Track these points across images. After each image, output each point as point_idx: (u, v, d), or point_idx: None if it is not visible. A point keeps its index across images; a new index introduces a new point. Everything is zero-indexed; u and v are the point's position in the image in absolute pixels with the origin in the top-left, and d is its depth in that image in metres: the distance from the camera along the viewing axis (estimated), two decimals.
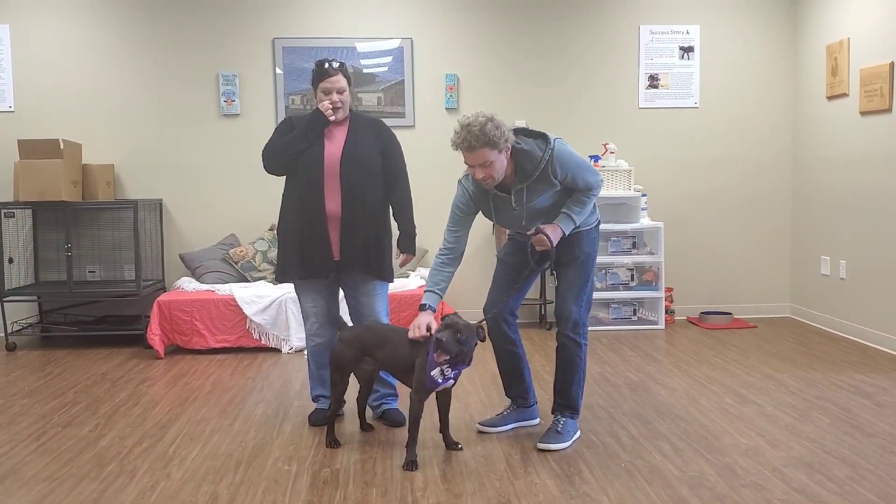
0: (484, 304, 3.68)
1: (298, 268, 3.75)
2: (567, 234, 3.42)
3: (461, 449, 3.50)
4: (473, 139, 3.19)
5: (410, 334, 3.35)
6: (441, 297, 3.48)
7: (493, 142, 3.20)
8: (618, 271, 6.18)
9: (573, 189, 3.42)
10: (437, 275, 3.51)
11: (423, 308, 3.42)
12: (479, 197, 3.48)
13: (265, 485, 3.15)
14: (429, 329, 3.32)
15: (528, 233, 3.44)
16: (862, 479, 3.12)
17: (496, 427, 3.74)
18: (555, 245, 3.41)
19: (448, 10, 6.31)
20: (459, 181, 3.52)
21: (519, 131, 3.40)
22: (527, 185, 3.36)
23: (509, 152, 3.31)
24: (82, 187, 5.84)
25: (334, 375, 3.56)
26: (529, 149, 3.33)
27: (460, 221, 3.52)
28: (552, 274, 3.58)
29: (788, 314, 6.60)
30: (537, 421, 3.83)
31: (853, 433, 3.66)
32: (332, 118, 3.66)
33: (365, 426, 3.78)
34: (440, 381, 3.28)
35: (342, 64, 3.73)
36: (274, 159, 3.72)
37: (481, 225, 6.34)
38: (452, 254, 3.52)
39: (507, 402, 3.87)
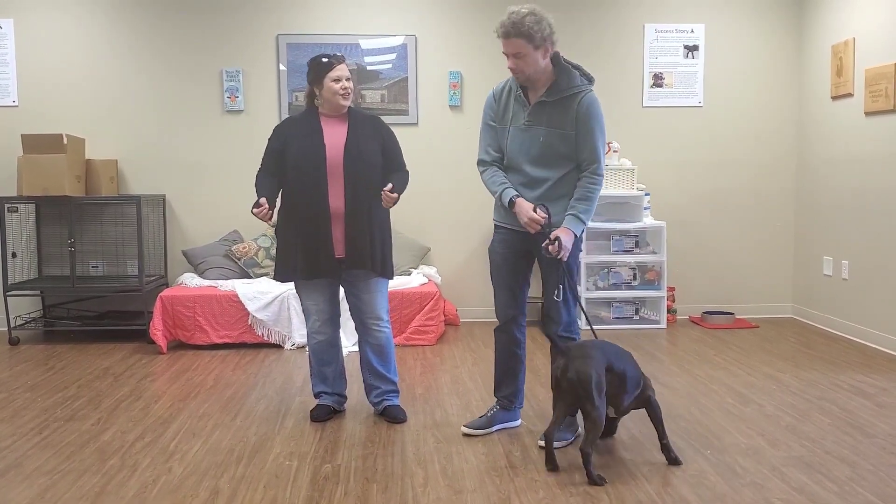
0: (495, 310, 3.66)
1: (302, 267, 3.73)
2: (578, 235, 3.42)
3: (681, 464, 3.29)
4: (510, 26, 3.27)
5: (528, 224, 3.35)
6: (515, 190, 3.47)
7: (529, 34, 3.25)
8: (620, 270, 6.19)
9: (578, 156, 3.40)
10: (496, 177, 3.51)
11: (511, 204, 3.42)
12: (502, 99, 3.50)
13: (266, 480, 3.17)
14: (536, 211, 3.35)
15: (543, 245, 3.37)
16: (861, 480, 3.12)
17: (483, 430, 3.66)
18: (569, 249, 3.38)
19: (452, 7, 6.31)
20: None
21: (572, 64, 3.46)
22: (550, 102, 3.38)
23: (548, 55, 3.35)
24: (86, 182, 5.85)
25: (597, 399, 3.10)
26: (573, 73, 3.41)
27: (489, 131, 3.55)
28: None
29: (790, 314, 6.60)
30: (519, 422, 3.78)
31: (853, 433, 3.66)
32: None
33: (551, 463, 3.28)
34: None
35: (342, 55, 3.80)
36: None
37: (482, 224, 6.36)
38: (495, 161, 3.55)
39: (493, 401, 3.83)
